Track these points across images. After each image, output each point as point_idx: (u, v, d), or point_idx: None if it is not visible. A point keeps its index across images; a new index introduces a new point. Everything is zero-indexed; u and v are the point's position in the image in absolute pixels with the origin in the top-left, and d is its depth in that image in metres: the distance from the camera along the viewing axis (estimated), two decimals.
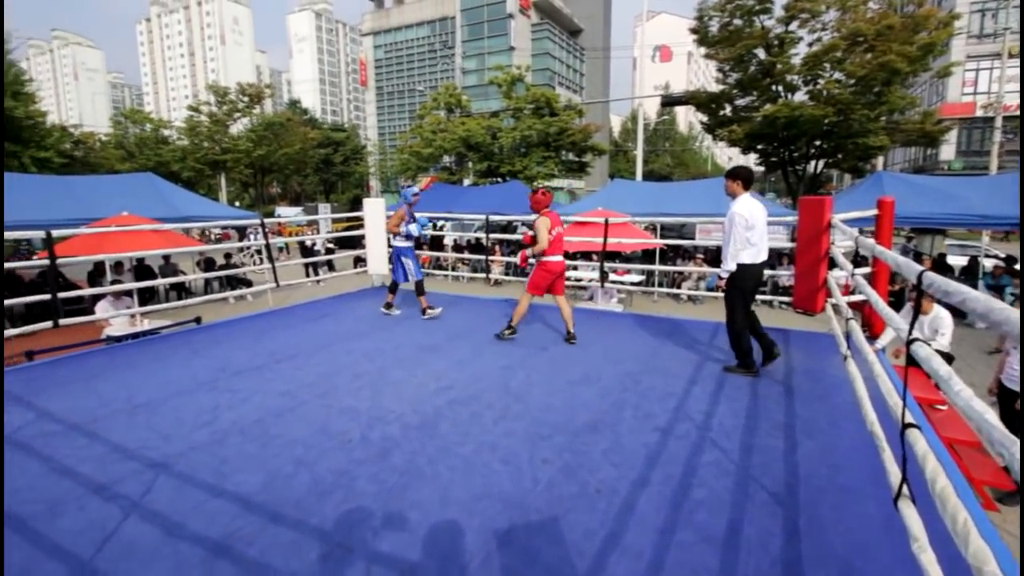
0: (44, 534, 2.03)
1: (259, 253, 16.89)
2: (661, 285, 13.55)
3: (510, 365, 4.14)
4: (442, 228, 19.65)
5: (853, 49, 17.14)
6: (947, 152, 28.05)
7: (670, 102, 30.26)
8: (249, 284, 13.01)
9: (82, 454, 2.66)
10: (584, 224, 9.47)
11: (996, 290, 11.11)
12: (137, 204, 10.73)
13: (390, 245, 6.05)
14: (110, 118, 49.76)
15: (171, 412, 3.19)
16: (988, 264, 12.75)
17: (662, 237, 14.47)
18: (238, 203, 45.36)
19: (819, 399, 3.42)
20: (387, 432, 2.92)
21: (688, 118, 59.22)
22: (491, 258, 8.31)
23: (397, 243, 5.80)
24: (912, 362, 1.90)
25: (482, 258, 13.44)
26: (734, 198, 3.97)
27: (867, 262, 4.79)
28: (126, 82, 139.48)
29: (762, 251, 3.98)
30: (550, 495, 2.31)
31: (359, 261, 8.22)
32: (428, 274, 15.83)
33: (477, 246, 17.05)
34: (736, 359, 4.01)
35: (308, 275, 13.42)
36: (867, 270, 4.66)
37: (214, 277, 13.16)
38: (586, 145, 25.94)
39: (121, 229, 8.17)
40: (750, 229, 3.86)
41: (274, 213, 35.72)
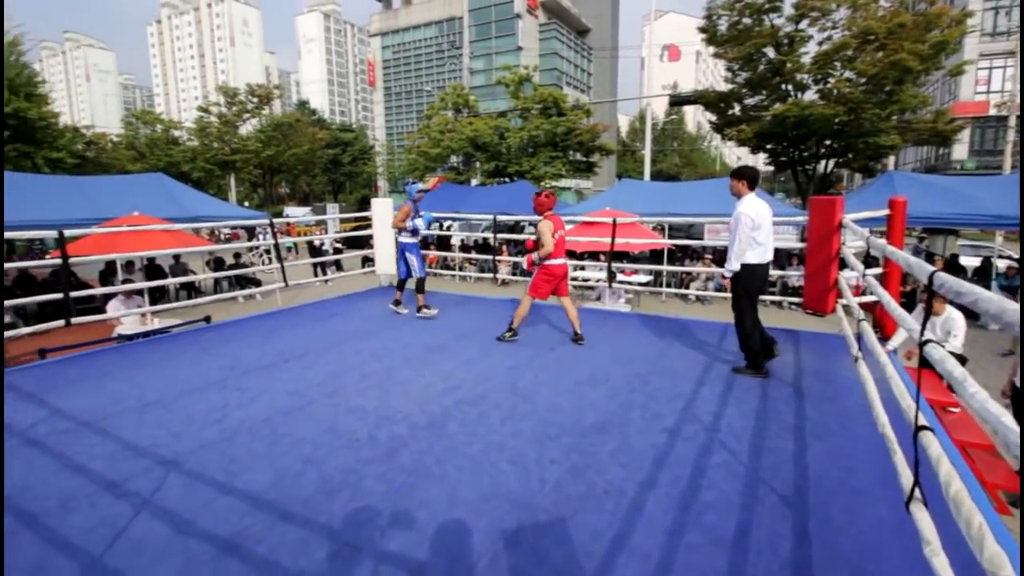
0: (56, 530, 2.05)
1: (268, 253, 17.01)
2: (669, 285, 13.50)
3: (517, 365, 4.13)
4: (449, 228, 19.69)
5: (864, 47, 16.98)
6: (960, 151, 27.71)
7: (678, 102, 30.10)
8: (258, 283, 13.11)
9: (93, 451, 2.69)
10: (592, 224, 9.45)
11: (1009, 291, 10.95)
12: (148, 204, 10.83)
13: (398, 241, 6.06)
14: (121, 119, 50.23)
15: (181, 410, 3.22)
16: (1001, 265, 12.58)
17: (670, 237, 14.40)
18: (247, 203, 45.68)
19: (829, 401, 3.39)
20: (395, 432, 2.93)
21: (696, 118, 58.96)
22: (498, 258, 8.32)
23: (402, 239, 5.83)
24: (924, 364, 1.88)
25: (489, 258, 13.45)
26: (739, 198, 3.96)
27: (878, 263, 4.74)
28: (137, 83, 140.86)
29: (768, 251, 3.97)
30: (558, 496, 2.31)
31: (367, 261, 8.25)
32: (435, 274, 15.87)
33: (484, 246, 17.06)
34: (745, 360, 3.98)
35: (316, 275, 13.48)
36: (878, 271, 4.62)
37: (223, 277, 13.25)
38: (594, 145, 25.89)
39: (132, 229, 8.24)
40: (756, 229, 3.84)
41: (283, 213, 35.95)
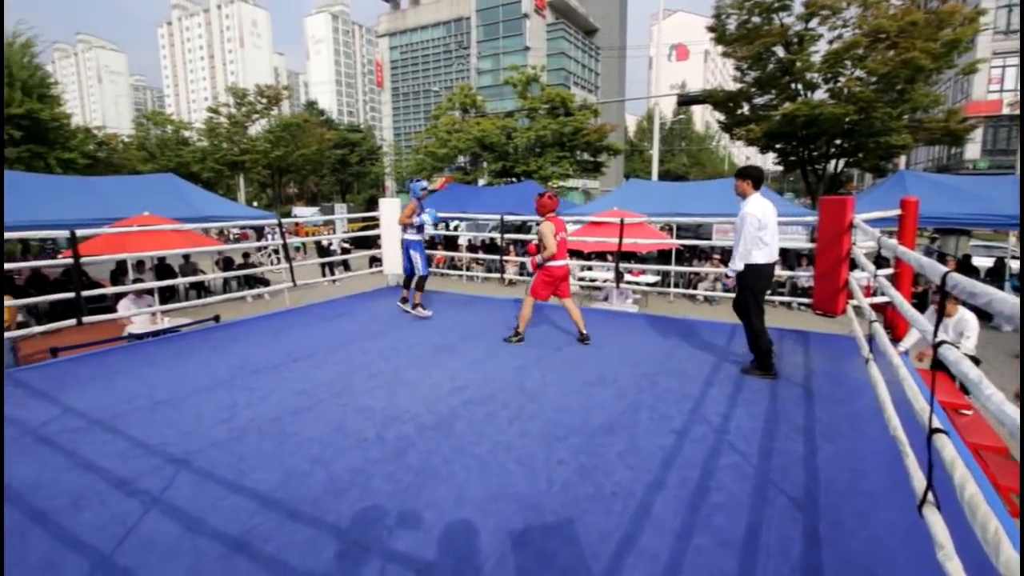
0: (66, 528, 2.07)
1: (276, 253, 17.11)
2: (677, 286, 13.44)
3: (525, 365, 4.13)
4: (456, 228, 19.71)
5: (875, 46, 16.81)
6: (972, 151, 27.37)
7: (687, 101, 29.98)
8: (267, 283, 13.18)
9: (104, 449, 2.71)
10: (599, 224, 9.43)
11: None
12: (158, 204, 10.92)
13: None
14: (132, 120, 50.73)
15: (191, 409, 3.24)
16: (1015, 265, 12.41)
17: (678, 237, 14.33)
18: (256, 203, 45.95)
19: (840, 402, 3.35)
20: (402, 431, 2.93)
21: (705, 117, 58.63)
22: (505, 258, 8.31)
23: (407, 236, 5.83)
24: (937, 365, 1.85)
25: (496, 258, 13.45)
26: (744, 198, 3.96)
27: (889, 263, 4.70)
28: (148, 84, 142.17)
29: (774, 251, 3.97)
30: (565, 496, 2.30)
31: (374, 261, 8.28)
32: (442, 274, 15.89)
33: (491, 246, 17.07)
34: (755, 361, 3.95)
35: (324, 275, 13.54)
36: (889, 271, 4.57)
37: (232, 276, 13.35)
38: (601, 145, 25.82)
39: (143, 229, 8.31)
40: (763, 229, 3.84)
41: (291, 213, 36.13)
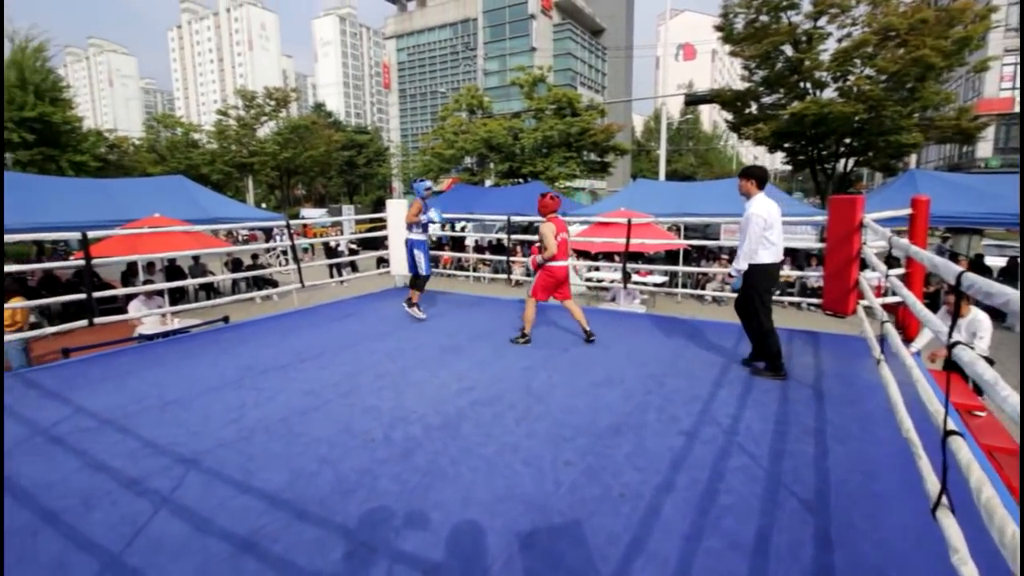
0: (77, 528, 2.08)
1: (285, 254, 17.21)
2: (685, 286, 13.37)
3: (531, 366, 4.12)
4: (463, 229, 19.73)
5: (885, 44, 16.66)
6: (984, 149, 27.05)
7: (694, 101, 29.88)
8: (275, 284, 13.25)
9: (115, 449, 2.73)
10: (606, 225, 9.40)
11: None
12: (168, 206, 11.03)
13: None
14: (143, 123, 51.17)
15: (200, 409, 3.26)
16: None
17: (686, 238, 14.27)
18: (264, 205, 46.27)
19: (851, 404, 3.31)
20: (409, 432, 2.93)
21: (712, 117, 58.37)
22: (512, 259, 8.31)
23: (412, 236, 5.81)
24: (950, 366, 1.83)
25: (503, 259, 13.45)
26: (749, 198, 3.95)
27: (899, 263, 4.64)
28: (158, 88, 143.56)
29: (780, 250, 3.96)
30: (573, 498, 2.29)
31: (382, 262, 8.30)
32: (449, 275, 15.88)
33: (498, 247, 17.06)
34: (764, 362, 3.92)
35: (332, 276, 13.60)
36: (900, 271, 4.52)
37: (241, 277, 13.43)
38: (608, 145, 25.76)
39: (153, 230, 8.39)
40: (769, 228, 3.83)
41: (299, 215, 36.34)
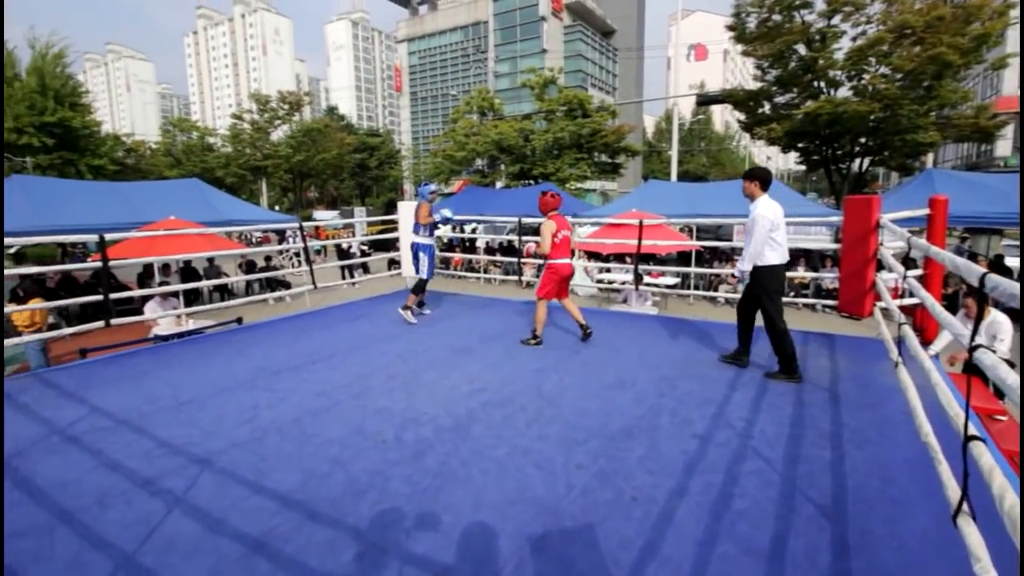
0: (92, 527, 2.11)
1: (297, 256, 17.35)
2: (697, 288, 13.27)
3: (543, 368, 4.10)
4: (474, 231, 19.76)
5: (900, 42, 16.45)
6: (1003, 148, 26.61)
7: (706, 101, 29.68)
8: (288, 286, 13.37)
9: (130, 449, 2.76)
10: (618, 226, 9.36)
11: None
12: (184, 209, 11.17)
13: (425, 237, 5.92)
14: (159, 127, 52.09)
15: (214, 409, 3.28)
16: None
17: (698, 239, 14.16)
18: (278, 207, 46.75)
19: (868, 408, 3.26)
20: (420, 433, 2.93)
21: (724, 117, 57.98)
22: (523, 260, 8.30)
23: (417, 239, 5.80)
24: (969, 369, 1.79)
25: (514, 260, 13.43)
26: (753, 200, 3.94)
27: (916, 264, 4.56)
28: (174, 92, 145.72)
29: (786, 251, 3.95)
30: (584, 501, 2.27)
31: (393, 263, 8.33)
32: (460, 276, 15.90)
33: (509, 248, 17.07)
34: (778, 364, 3.87)
35: (344, 277, 13.68)
36: (918, 272, 4.44)
37: (255, 279, 13.56)
38: (619, 146, 25.70)
39: (169, 233, 8.49)
40: (775, 230, 3.83)
41: (312, 217, 36.66)
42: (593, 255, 13.50)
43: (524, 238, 7.83)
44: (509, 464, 2.60)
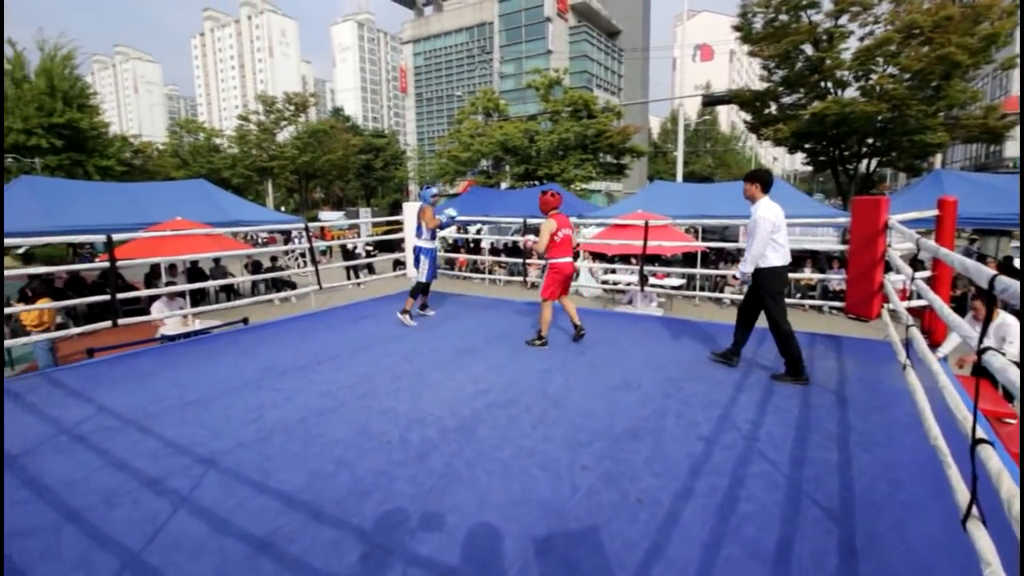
0: (99, 525, 2.12)
1: (303, 256, 17.41)
2: (703, 289, 13.22)
3: (548, 369, 4.10)
4: (479, 231, 19.77)
5: (908, 42, 16.33)
6: (1012, 148, 26.37)
7: (712, 101, 29.58)
8: (293, 286, 13.40)
9: (136, 449, 2.77)
10: (623, 227, 9.34)
11: None
12: (190, 209, 11.24)
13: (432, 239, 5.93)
14: (166, 128, 52.37)
15: (220, 409, 3.30)
16: None
17: (704, 240, 14.11)
18: (284, 208, 46.93)
19: (876, 410, 3.23)
20: (425, 434, 2.93)
21: (730, 118, 57.78)
22: (528, 261, 8.29)
23: (420, 243, 5.81)
24: (978, 372, 1.77)
25: (519, 261, 13.43)
26: (753, 202, 3.94)
27: (924, 266, 4.53)
28: (181, 94, 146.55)
29: (787, 252, 3.94)
30: (590, 503, 2.26)
31: (398, 264, 8.34)
32: (465, 277, 15.90)
33: (514, 249, 17.06)
34: (785, 366, 3.85)
35: (349, 278, 13.70)
36: (926, 274, 4.40)
37: (260, 279, 13.61)
38: (624, 147, 25.64)
39: (175, 233, 8.53)
40: (776, 231, 3.83)
41: (317, 217, 36.78)
42: (598, 256, 13.47)
43: (527, 237, 7.82)
44: (514, 465, 2.59)
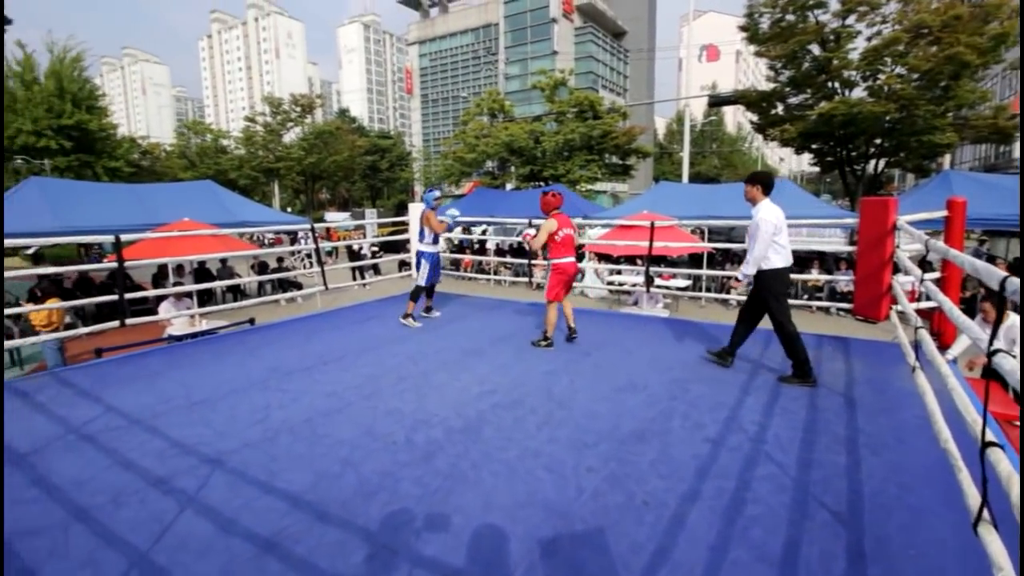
0: (106, 525, 2.13)
1: (309, 257, 17.48)
2: (709, 290, 13.17)
3: (553, 370, 4.09)
4: (484, 232, 19.78)
5: (917, 42, 16.23)
6: None
7: (718, 102, 29.42)
8: (299, 287, 13.46)
9: (144, 448, 2.79)
10: (629, 227, 9.32)
11: None
12: (198, 210, 11.31)
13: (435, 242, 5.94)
14: (174, 130, 52.80)
15: (226, 409, 3.31)
16: None
17: (710, 241, 14.06)
18: (290, 209, 47.16)
19: (885, 412, 3.20)
20: (431, 435, 2.93)
21: (737, 118, 57.56)
22: (533, 262, 8.29)
23: (421, 247, 5.81)
24: (987, 374, 1.75)
25: (524, 262, 13.42)
26: (755, 204, 3.93)
27: (933, 267, 4.49)
28: (189, 95, 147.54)
29: (789, 253, 3.94)
30: (595, 505, 2.25)
31: (404, 265, 8.36)
32: (471, 278, 15.91)
33: (519, 250, 17.05)
34: (792, 368, 3.83)
35: (355, 278, 13.74)
36: (935, 275, 4.37)
37: (267, 280, 13.67)
38: (630, 148, 25.62)
39: (183, 234, 8.59)
40: (778, 233, 3.82)
41: (323, 218, 36.93)
42: (604, 257, 13.45)
43: (528, 231, 7.81)
44: (519, 466, 2.59)
